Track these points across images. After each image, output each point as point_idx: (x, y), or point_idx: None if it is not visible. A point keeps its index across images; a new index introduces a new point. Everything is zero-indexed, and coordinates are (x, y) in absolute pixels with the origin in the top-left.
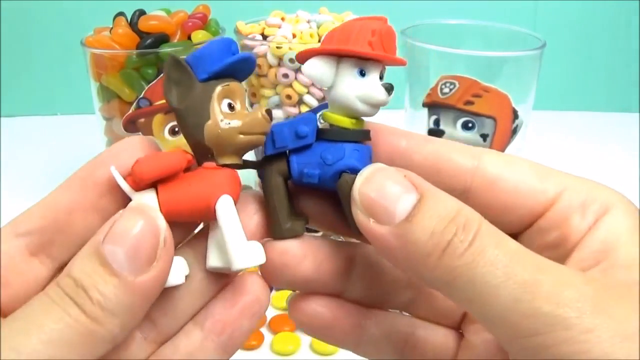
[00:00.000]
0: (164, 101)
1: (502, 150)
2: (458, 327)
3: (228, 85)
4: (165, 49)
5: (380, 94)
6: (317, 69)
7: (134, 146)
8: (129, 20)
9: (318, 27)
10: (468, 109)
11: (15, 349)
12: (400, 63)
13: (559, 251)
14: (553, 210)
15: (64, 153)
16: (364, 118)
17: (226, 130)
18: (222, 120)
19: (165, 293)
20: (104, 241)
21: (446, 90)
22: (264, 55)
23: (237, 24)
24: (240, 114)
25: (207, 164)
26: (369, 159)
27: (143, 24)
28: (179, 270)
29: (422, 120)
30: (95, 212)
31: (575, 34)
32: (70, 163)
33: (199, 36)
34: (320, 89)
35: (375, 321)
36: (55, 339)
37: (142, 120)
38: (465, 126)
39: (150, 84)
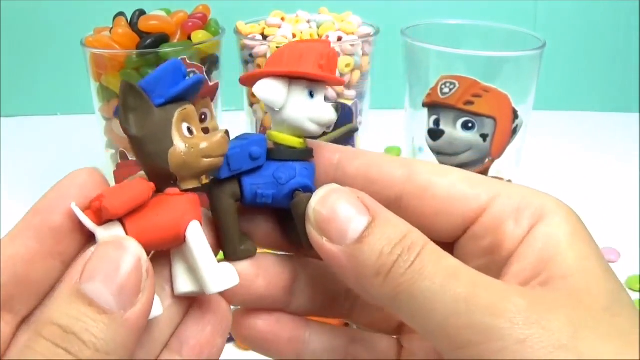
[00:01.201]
0: None
1: (502, 150)
2: (397, 334)
3: (185, 109)
4: (165, 49)
5: (330, 114)
6: (270, 90)
7: (82, 180)
8: (129, 20)
9: (318, 27)
10: (468, 109)
11: None
12: (340, 83)
13: (494, 257)
14: (486, 216)
15: (64, 153)
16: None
17: (190, 155)
18: (185, 146)
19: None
20: (81, 281)
21: (446, 90)
22: (264, 55)
23: (237, 24)
24: (200, 137)
25: (169, 190)
26: (314, 176)
27: (143, 24)
28: (157, 301)
29: (422, 120)
30: (55, 257)
31: (575, 34)
32: (70, 163)
33: (199, 36)
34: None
35: (316, 333)
36: None
37: None
38: (465, 126)
39: None
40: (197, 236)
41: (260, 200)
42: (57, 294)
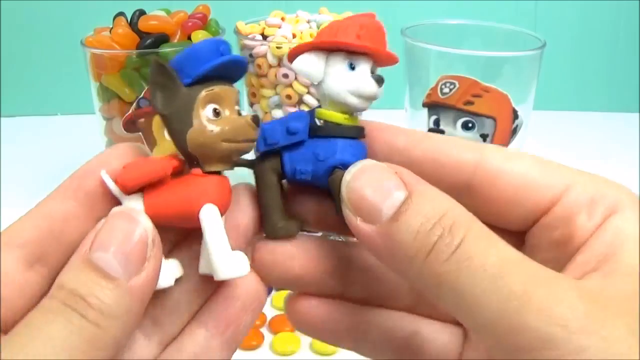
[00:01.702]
0: None
1: None
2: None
3: (212, 89)
4: (165, 49)
5: (371, 86)
6: (306, 64)
7: (122, 152)
8: (129, 20)
9: (318, 27)
10: (468, 109)
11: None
12: (390, 57)
13: (563, 250)
14: (558, 207)
15: (64, 153)
16: (359, 115)
17: (209, 137)
18: (204, 127)
19: (167, 293)
20: (91, 250)
21: (446, 90)
22: (264, 56)
23: (237, 24)
24: (225, 120)
25: (194, 170)
26: (363, 156)
27: (143, 24)
28: (169, 272)
29: (422, 120)
30: (89, 219)
31: (575, 34)
32: (70, 163)
33: (199, 36)
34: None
35: (376, 321)
36: (62, 347)
37: (142, 120)
38: (465, 126)
39: None
40: (210, 220)
41: (299, 176)
42: (69, 262)
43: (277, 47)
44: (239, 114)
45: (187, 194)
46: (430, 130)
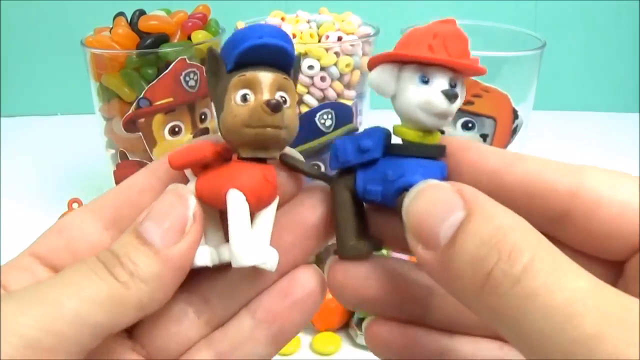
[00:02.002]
0: (164, 101)
1: None
2: None
3: (244, 75)
4: (165, 49)
5: (440, 102)
6: (377, 77)
7: (207, 143)
8: (129, 20)
9: (318, 27)
10: (468, 109)
11: (45, 300)
12: (473, 68)
13: None
14: None
15: (64, 153)
16: (440, 131)
17: (232, 122)
18: (230, 112)
19: (223, 277)
20: (141, 219)
21: None
22: None
23: (237, 24)
24: (249, 105)
25: (234, 156)
26: (439, 177)
27: (143, 24)
28: (208, 254)
29: None
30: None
31: (575, 34)
32: (70, 163)
33: (199, 36)
34: (323, 90)
35: (463, 351)
36: (83, 295)
37: (142, 120)
38: (465, 126)
39: (150, 84)
40: (231, 206)
41: (369, 196)
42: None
43: None
44: (283, 101)
45: (219, 178)
46: None
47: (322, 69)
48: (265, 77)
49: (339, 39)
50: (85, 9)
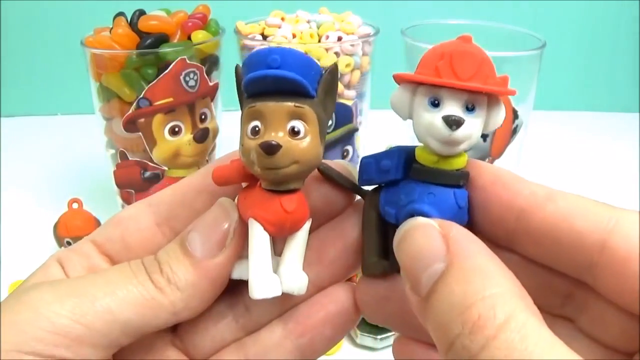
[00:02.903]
0: (164, 101)
1: (503, 150)
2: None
3: (254, 106)
4: (165, 49)
5: (440, 128)
6: (394, 99)
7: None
8: (129, 20)
9: (318, 27)
10: None
11: (81, 293)
12: (493, 91)
13: None
14: None
15: (64, 153)
16: (467, 155)
17: (244, 157)
18: (243, 146)
19: None
20: (189, 230)
21: None
22: None
23: (237, 24)
24: (254, 141)
25: (259, 182)
26: (452, 206)
27: (143, 24)
28: (246, 268)
29: None
30: (218, 196)
31: (575, 34)
32: (70, 163)
33: (199, 36)
34: None
35: None
36: (119, 295)
37: (142, 120)
38: None
39: (150, 84)
40: (250, 237)
41: (386, 217)
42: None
43: None
44: (294, 132)
45: (246, 202)
46: None
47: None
48: (274, 109)
49: (339, 39)
50: (85, 9)
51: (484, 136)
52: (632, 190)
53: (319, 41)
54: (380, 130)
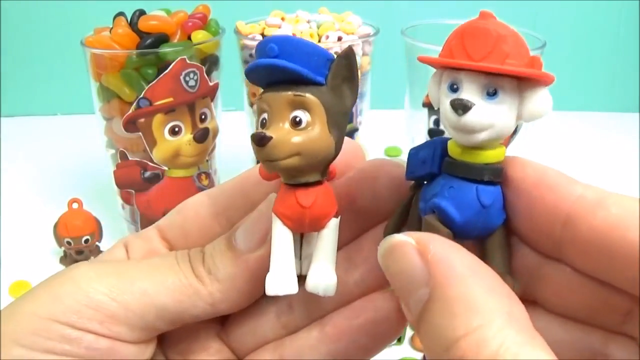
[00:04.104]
0: (164, 101)
1: None
2: None
3: (260, 97)
4: (165, 49)
5: (448, 113)
6: (429, 85)
7: None
8: (129, 20)
9: (318, 27)
10: None
11: (125, 277)
12: (514, 72)
13: None
14: None
15: (64, 153)
16: (496, 148)
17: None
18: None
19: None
20: (238, 225)
21: None
22: None
23: (237, 24)
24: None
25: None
26: (473, 202)
27: (143, 24)
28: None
29: (422, 120)
30: (276, 190)
31: (575, 34)
32: (70, 163)
33: (199, 36)
34: None
35: None
36: (157, 280)
37: (142, 120)
38: None
39: (150, 84)
40: (274, 229)
41: (421, 212)
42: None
43: None
44: (296, 122)
45: (277, 197)
46: (430, 130)
47: None
48: (275, 99)
49: (339, 39)
50: (85, 9)
51: None
52: (633, 190)
53: (319, 41)
54: (380, 130)
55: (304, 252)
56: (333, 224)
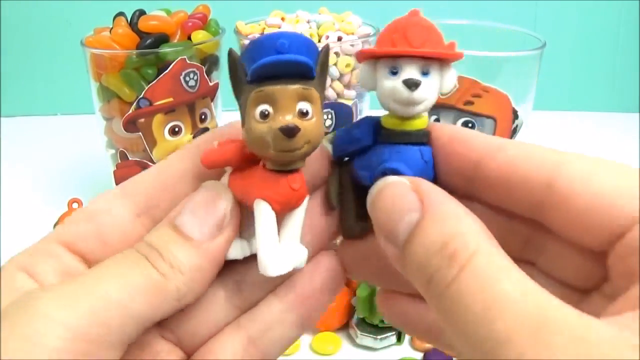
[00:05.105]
0: (164, 101)
1: None
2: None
3: (262, 90)
4: (165, 49)
5: (401, 92)
6: (361, 74)
7: (236, 128)
8: (129, 20)
9: (318, 27)
10: (468, 109)
11: (90, 291)
12: (442, 55)
13: (630, 280)
14: (632, 233)
15: (64, 153)
16: (422, 117)
17: (254, 140)
18: (252, 129)
19: (254, 263)
20: (177, 214)
21: None
22: None
23: (237, 24)
24: (268, 125)
25: (262, 161)
26: (419, 161)
27: (143, 24)
28: (239, 247)
29: None
30: (202, 180)
31: (575, 34)
32: (70, 163)
33: (199, 36)
34: None
35: None
36: (126, 285)
37: (142, 120)
38: (465, 126)
39: (150, 84)
40: (259, 217)
41: (361, 180)
42: (158, 225)
43: None
44: (303, 113)
45: (247, 184)
46: None
47: None
48: (284, 92)
49: (339, 39)
50: (85, 9)
51: None
52: None
53: (319, 41)
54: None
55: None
56: (306, 202)
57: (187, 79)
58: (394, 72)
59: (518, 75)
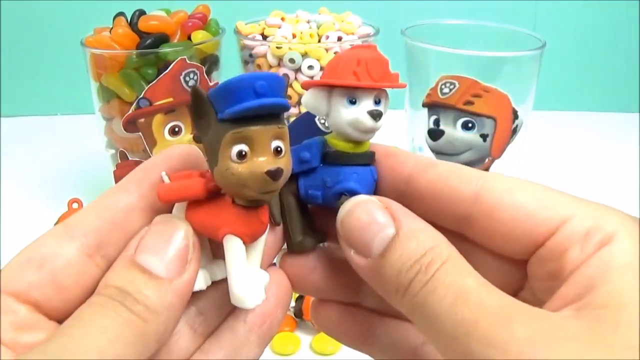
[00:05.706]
0: (164, 101)
1: (503, 150)
2: None
3: (240, 132)
4: (165, 49)
5: (367, 121)
6: (311, 100)
7: (184, 152)
8: (129, 20)
9: (318, 27)
10: (468, 109)
11: (83, 351)
12: (394, 87)
13: (556, 282)
14: (553, 240)
15: (64, 153)
16: (369, 140)
17: (229, 180)
18: (226, 170)
19: (214, 288)
20: (136, 253)
21: (446, 90)
22: (264, 56)
23: (237, 24)
24: (247, 165)
25: (227, 196)
26: (369, 182)
27: (143, 24)
28: (203, 278)
29: (422, 120)
30: (151, 212)
31: (575, 34)
32: (70, 163)
33: (199, 36)
34: None
35: (386, 330)
36: (114, 338)
37: (142, 120)
38: (465, 126)
39: (150, 84)
40: (228, 250)
41: (312, 199)
42: (115, 263)
43: (277, 47)
44: (278, 151)
45: (214, 219)
46: (430, 130)
47: (322, 69)
48: (262, 133)
49: (339, 39)
50: (85, 9)
51: (484, 136)
52: (632, 190)
53: (319, 41)
54: (380, 130)
55: (214, 259)
56: (267, 230)
57: (187, 79)
58: (352, 102)
59: (518, 75)
